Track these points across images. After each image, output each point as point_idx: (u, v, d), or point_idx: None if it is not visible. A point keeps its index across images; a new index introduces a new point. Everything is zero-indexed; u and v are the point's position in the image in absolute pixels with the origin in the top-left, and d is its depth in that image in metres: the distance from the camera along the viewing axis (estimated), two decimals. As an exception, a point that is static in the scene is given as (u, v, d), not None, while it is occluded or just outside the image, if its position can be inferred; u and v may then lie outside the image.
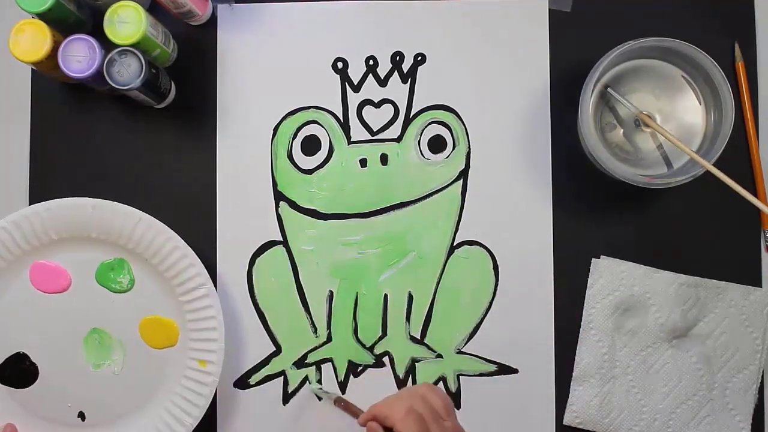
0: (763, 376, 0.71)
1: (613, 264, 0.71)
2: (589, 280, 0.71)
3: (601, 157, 0.67)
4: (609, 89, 0.69)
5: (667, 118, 0.70)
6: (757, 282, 0.72)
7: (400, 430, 0.55)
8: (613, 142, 0.70)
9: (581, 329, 0.71)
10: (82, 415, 0.69)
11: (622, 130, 0.70)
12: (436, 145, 0.73)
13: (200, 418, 0.68)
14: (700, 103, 0.70)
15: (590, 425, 0.71)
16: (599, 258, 0.71)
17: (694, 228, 0.72)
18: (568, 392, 0.71)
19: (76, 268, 0.69)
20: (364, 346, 0.72)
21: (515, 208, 0.72)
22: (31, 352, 0.69)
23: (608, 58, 0.67)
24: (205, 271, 0.68)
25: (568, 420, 0.71)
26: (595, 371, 0.70)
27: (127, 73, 0.66)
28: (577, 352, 0.71)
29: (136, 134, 0.74)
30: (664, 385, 0.71)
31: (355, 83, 0.73)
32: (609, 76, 0.70)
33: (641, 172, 0.68)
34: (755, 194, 0.72)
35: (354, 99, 0.73)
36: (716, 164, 0.66)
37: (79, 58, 0.66)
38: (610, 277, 0.71)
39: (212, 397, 0.68)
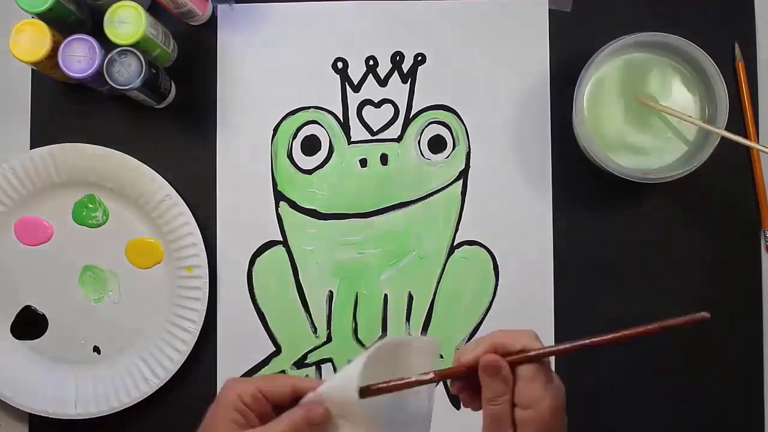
0: (764, 372, 0.72)
1: None
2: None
3: (595, 152, 0.67)
4: None
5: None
6: (757, 282, 0.72)
7: (526, 345, 0.45)
8: (609, 138, 0.69)
9: None
10: (97, 349, 0.72)
11: (617, 125, 0.70)
12: (436, 145, 0.73)
13: (202, 322, 0.70)
14: (695, 98, 0.70)
15: None
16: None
17: (695, 228, 0.72)
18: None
19: (53, 214, 0.73)
20: (364, 346, 0.72)
21: (515, 208, 0.72)
22: (35, 303, 0.73)
23: (603, 52, 0.67)
24: (166, 183, 0.71)
25: None
26: None
27: (127, 73, 0.66)
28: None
29: (136, 134, 0.74)
30: None
31: (355, 83, 0.74)
32: (604, 71, 0.70)
33: (636, 167, 0.69)
34: (755, 195, 0.72)
35: (354, 99, 0.73)
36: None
37: (79, 58, 0.66)
38: None
39: (206, 300, 0.70)
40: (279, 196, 0.73)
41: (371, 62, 0.74)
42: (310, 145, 0.73)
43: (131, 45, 0.65)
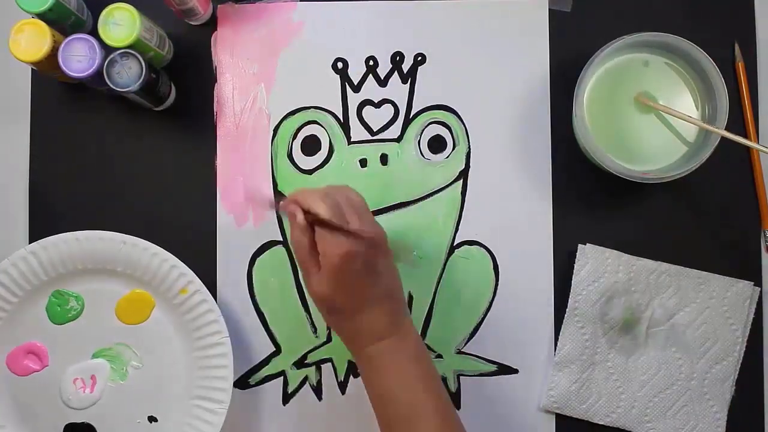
0: (764, 370, 0.72)
1: (598, 251, 0.71)
2: (576, 266, 0.71)
3: (595, 152, 0.67)
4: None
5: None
6: (757, 282, 0.72)
7: (315, 210, 0.56)
8: (608, 138, 0.69)
9: (566, 315, 0.71)
10: (153, 419, 0.70)
11: (617, 125, 0.70)
12: (436, 145, 0.73)
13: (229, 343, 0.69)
14: (695, 98, 0.70)
15: (568, 411, 0.71)
16: (585, 245, 0.71)
17: (695, 228, 0.72)
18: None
19: (35, 332, 0.70)
20: (364, 346, 0.72)
21: (515, 208, 0.72)
22: (72, 417, 0.70)
23: (603, 52, 0.67)
24: (113, 234, 0.69)
25: (545, 405, 0.71)
26: (576, 357, 0.71)
27: (127, 76, 0.66)
28: (559, 338, 0.71)
29: (137, 134, 0.74)
30: (643, 374, 0.71)
31: (355, 83, 0.73)
32: (604, 70, 0.70)
33: (636, 167, 0.69)
34: (755, 195, 0.72)
35: (354, 99, 0.73)
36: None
37: (79, 57, 0.66)
38: (595, 264, 0.71)
39: (223, 323, 0.69)
40: (279, 196, 0.73)
41: (371, 62, 0.74)
42: (310, 146, 0.73)
43: (124, 47, 0.65)
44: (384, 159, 0.73)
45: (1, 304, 0.69)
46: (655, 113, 0.70)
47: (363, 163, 0.73)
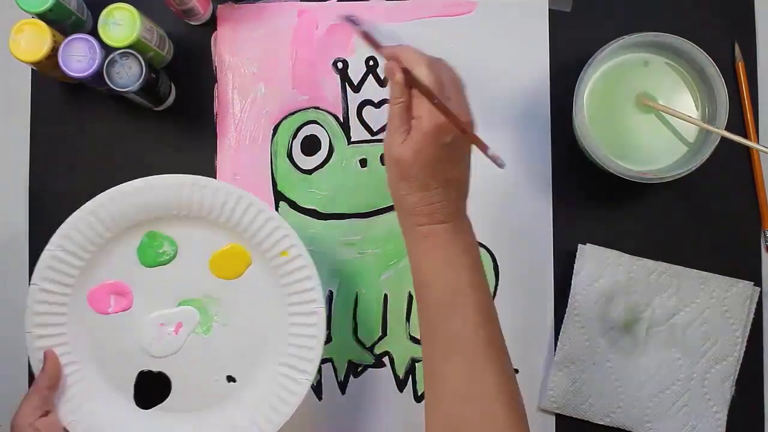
0: (764, 370, 0.72)
1: (598, 251, 0.71)
2: (575, 266, 0.71)
3: (596, 152, 0.67)
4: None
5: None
6: (757, 282, 0.72)
7: (416, 75, 0.55)
8: (609, 138, 0.70)
9: (566, 315, 0.71)
10: (231, 378, 0.67)
11: (617, 125, 0.70)
12: (436, 145, 0.73)
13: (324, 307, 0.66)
14: (695, 98, 0.70)
15: (567, 411, 0.71)
16: (585, 245, 0.71)
17: (695, 228, 0.73)
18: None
19: (122, 272, 0.67)
20: (364, 346, 0.72)
21: (515, 208, 0.72)
22: (148, 365, 0.67)
23: (603, 52, 0.67)
24: (226, 184, 0.67)
25: (545, 404, 0.71)
26: (576, 357, 0.71)
27: (127, 76, 0.66)
28: (559, 338, 0.71)
29: (137, 134, 0.74)
30: (643, 374, 0.71)
31: (355, 83, 0.73)
32: (604, 70, 0.70)
33: (636, 167, 0.69)
34: (755, 195, 0.72)
35: (354, 99, 0.73)
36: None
37: (79, 57, 0.66)
38: (595, 264, 0.71)
39: (320, 287, 0.66)
40: (279, 196, 0.73)
41: (371, 62, 0.74)
42: (310, 145, 0.73)
43: (124, 47, 0.65)
44: (384, 159, 0.73)
45: (93, 238, 0.65)
46: (656, 113, 0.70)
47: (363, 163, 0.73)
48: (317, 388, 0.72)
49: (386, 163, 0.59)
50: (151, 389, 0.67)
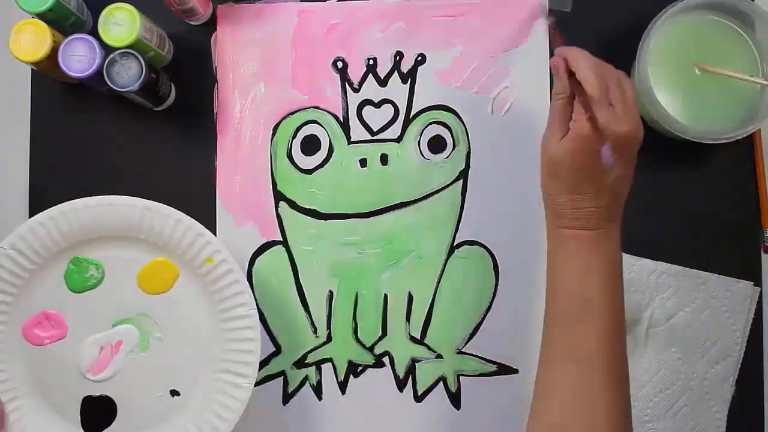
0: (764, 370, 0.72)
1: None
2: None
3: (663, 117, 0.67)
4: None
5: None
6: (757, 282, 0.72)
7: (580, 77, 0.55)
8: (670, 103, 0.69)
9: None
10: (174, 392, 0.67)
11: (677, 90, 0.70)
12: (436, 145, 0.73)
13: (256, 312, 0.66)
14: (752, 59, 0.69)
15: None
16: None
17: (695, 228, 0.72)
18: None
19: (51, 301, 0.67)
20: (364, 346, 0.72)
21: (515, 208, 0.72)
22: (89, 390, 0.67)
23: (662, 18, 0.67)
24: (139, 200, 0.66)
25: None
26: None
27: (127, 76, 0.66)
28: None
29: (137, 133, 0.74)
30: (644, 374, 0.71)
31: (355, 83, 0.74)
32: (661, 36, 0.69)
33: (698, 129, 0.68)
34: (755, 195, 0.72)
35: (354, 99, 0.73)
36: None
37: (79, 57, 0.66)
38: None
39: (252, 297, 0.66)
40: (279, 196, 0.73)
41: (371, 62, 0.74)
42: (310, 145, 0.73)
43: (123, 47, 0.65)
44: (384, 159, 0.73)
45: (18, 272, 0.66)
46: (713, 77, 0.69)
47: (363, 163, 0.73)
48: (317, 388, 0.72)
49: (541, 161, 0.58)
50: (98, 414, 0.67)
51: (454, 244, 0.73)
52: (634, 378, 0.71)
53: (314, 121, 0.73)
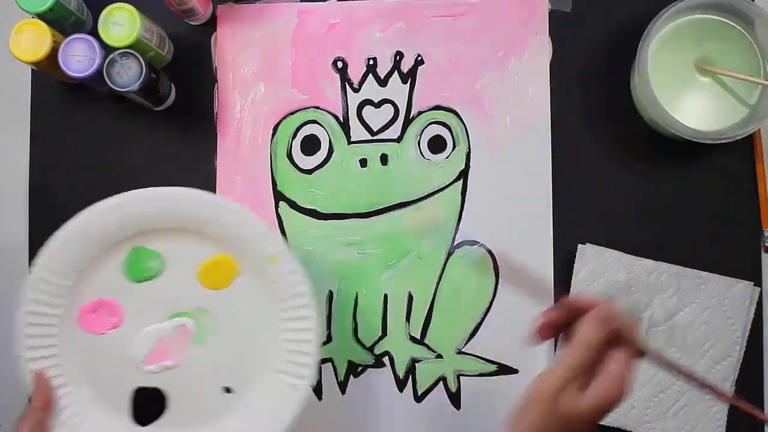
0: (764, 370, 0.72)
1: (598, 251, 0.71)
2: (575, 266, 0.71)
3: (662, 116, 0.67)
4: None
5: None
6: (757, 282, 0.72)
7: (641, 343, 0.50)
8: (670, 103, 0.69)
9: None
10: (228, 390, 0.66)
11: (676, 90, 0.70)
12: (436, 145, 0.73)
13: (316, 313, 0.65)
14: (753, 59, 0.70)
15: None
16: (585, 244, 0.71)
17: (695, 228, 0.72)
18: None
19: (109, 289, 0.66)
20: (364, 346, 0.72)
21: (515, 208, 0.72)
22: (143, 381, 0.66)
23: (661, 18, 0.67)
24: (206, 193, 0.65)
25: None
26: None
27: (127, 76, 0.66)
28: (559, 337, 0.71)
29: (137, 134, 0.74)
30: (643, 374, 0.71)
31: (355, 83, 0.74)
32: (662, 34, 0.69)
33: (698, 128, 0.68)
34: (755, 195, 0.72)
35: (354, 99, 0.73)
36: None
37: (79, 57, 0.66)
38: (595, 264, 0.71)
39: (312, 297, 0.65)
40: (279, 196, 0.73)
41: (371, 62, 0.74)
42: (310, 145, 0.73)
43: (123, 47, 0.65)
44: (384, 159, 0.73)
45: (79, 258, 0.64)
46: (713, 77, 0.69)
47: (363, 163, 0.73)
48: (317, 388, 0.72)
49: (540, 409, 0.50)
50: (148, 406, 0.66)
51: (454, 244, 0.73)
52: (634, 378, 0.71)
53: (314, 121, 0.73)
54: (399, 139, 0.73)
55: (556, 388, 0.49)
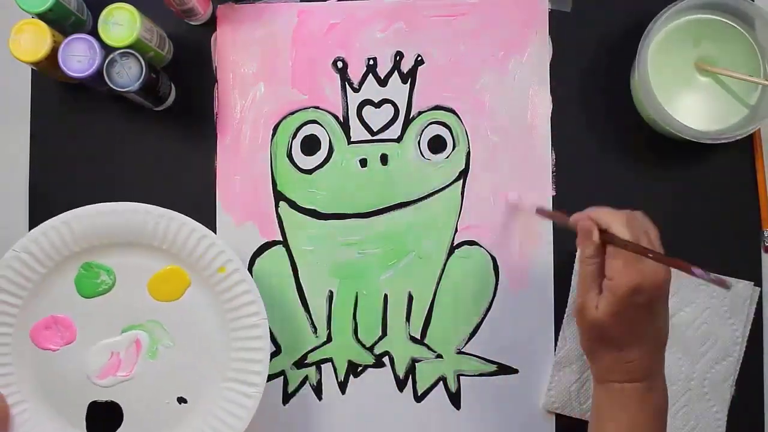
0: (764, 370, 0.72)
1: None
2: (575, 265, 0.71)
3: (662, 115, 0.67)
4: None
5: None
6: (757, 282, 0.72)
7: (615, 231, 0.55)
8: (669, 103, 0.69)
9: (565, 315, 0.71)
10: (182, 400, 0.67)
11: (676, 90, 0.70)
12: (436, 145, 0.73)
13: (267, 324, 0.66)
14: (754, 59, 0.70)
15: (567, 410, 0.71)
16: None
17: (695, 227, 0.72)
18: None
19: (61, 305, 0.67)
20: (364, 346, 0.72)
21: (515, 208, 0.72)
22: (96, 396, 0.67)
23: (662, 18, 0.67)
24: (152, 207, 0.66)
25: (545, 405, 0.71)
26: (576, 357, 0.70)
27: (127, 76, 0.66)
28: (560, 336, 0.71)
29: (137, 134, 0.74)
30: None
31: (355, 83, 0.74)
32: (662, 35, 0.69)
33: (699, 128, 0.68)
34: (755, 195, 0.72)
35: (354, 99, 0.73)
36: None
37: (79, 57, 0.66)
38: None
39: (263, 309, 0.66)
40: (279, 196, 0.73)
41: (371, 62, 0.74)
42: (310, 145, 0.73)
43: (123, 47, 0.65)
44: (384, 159, 0.73)
45: (29, 275, 0.66)
46: (713, 77, 0.69)
47: (363, 163, 0.73)
48: (317, 388, 0.72)
49: (580, 326, 0.59)
50: (104, 420, 0.67)
51: (454, 244, 0.73)
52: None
53: (314, 121, 0.73)
54: (399, 139, 0.73)
55: (578, 303, 0.58)
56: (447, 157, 0.73)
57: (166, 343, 0.68)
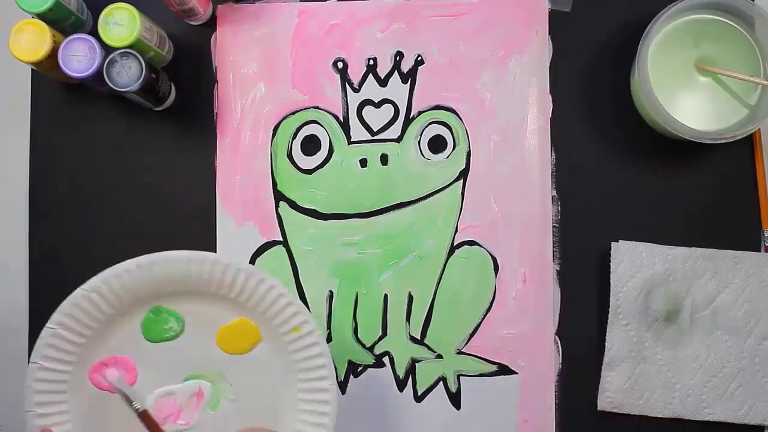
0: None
1: (631, 246, 0.71)
2: (612, 265, 0.71)
3: (663, 116, 0.67)
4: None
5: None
6: (757, 282, 0.72)
7: None
8: (669, 103, 0.69)
9: (609, 315, 0.70)
10: None
11: (676, 90, 0.70)
12: (437, 145, 0.73)
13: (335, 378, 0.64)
14: (754, 59, 0.70)
15: (625, 408, 0.70)
16: (618, 242, 0.71)
17: (695, 227, 0.72)
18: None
19: (125, 347, 0.64)
20: (364, 346, 0.72)
21: (515, 208, 0.72)
22: None
23: (662, 17, 0.67)
24: (227, 260, 0.63)
25: (602, 406, 0.70)
26: (625, 355, 0.70)
27: (127, 76, 0.66)
28: (606, 338, 0.70)
29: (137, 134, 0.74)
30: (694, 361, 0.70)
31: (355, 83, 0.74)
32: (661, 35, 0.70)
33: (700, 128, 0.68)
34: (755, 195, 0.72)
35: (354, 99, 0.73)
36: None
37: (79, 57, 0.66)
38: (630, 260, 0.71)
39: (332, 364, 0.63)
40: (279, 196, 0.73)
41: (371, 62, 0.74)
42: (310, 145, 0.73)
43: (123, 47, 0.65)
44: (384, 159, 0.73)
45: (96, 315, 0.63)
46: (713, 77, 0.69)
47: (363, 163, 0.73)
48: (317, 388, 0.72)
49: None
50: None
51: (454, 244, 0.73)
52: (686, 367, 0.70)
53: (314, 121, 0.73)
54: (399, 139, 0.73)
55: None
56: (447, 157, 0.73)
57: (229, 396, 0.65)
